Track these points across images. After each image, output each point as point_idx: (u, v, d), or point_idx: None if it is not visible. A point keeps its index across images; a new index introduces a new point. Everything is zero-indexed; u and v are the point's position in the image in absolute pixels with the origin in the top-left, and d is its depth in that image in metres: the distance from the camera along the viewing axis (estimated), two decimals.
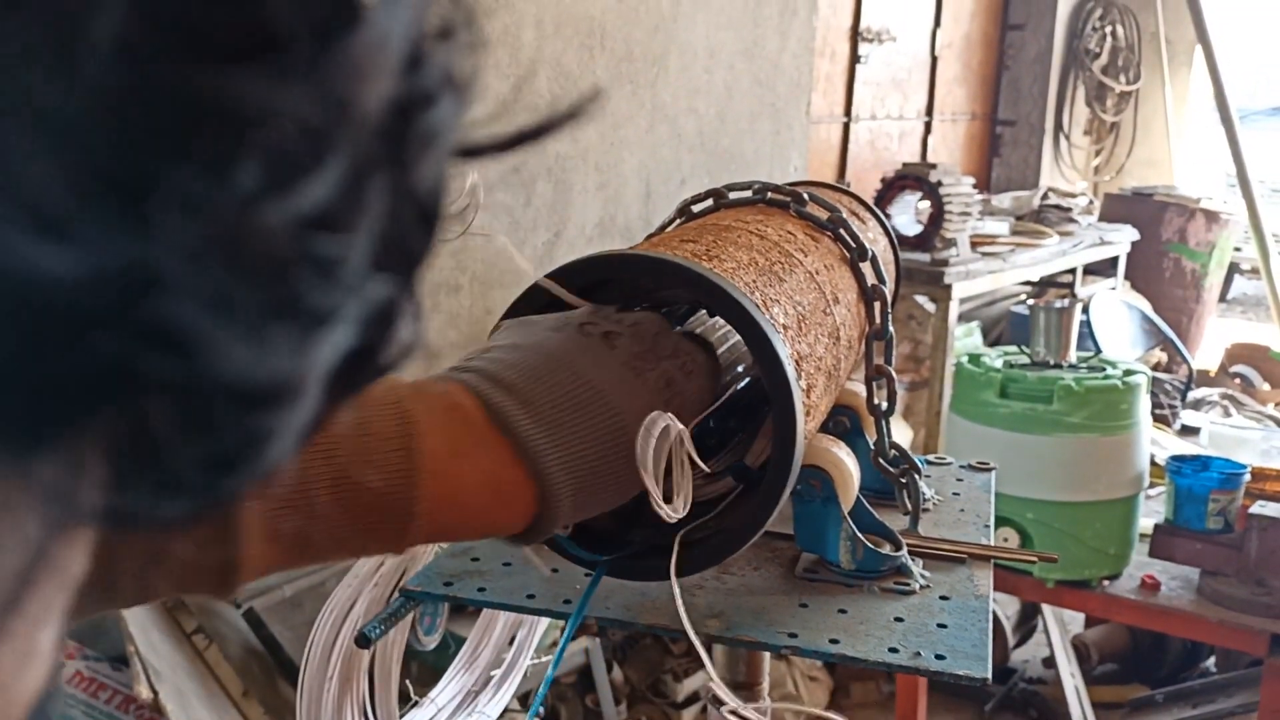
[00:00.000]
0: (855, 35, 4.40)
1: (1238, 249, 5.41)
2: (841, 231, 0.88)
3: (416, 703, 0.96)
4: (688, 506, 0.54)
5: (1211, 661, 2.95)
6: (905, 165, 3.25)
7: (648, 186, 3.31)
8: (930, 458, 1.13)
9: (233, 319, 0.16)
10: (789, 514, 0.82)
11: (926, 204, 3.25)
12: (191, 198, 0.15)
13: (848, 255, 0.88)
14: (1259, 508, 1.96)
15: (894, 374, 0.90)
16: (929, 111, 4.95)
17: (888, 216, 3.38)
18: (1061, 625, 2.88)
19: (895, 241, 1.13)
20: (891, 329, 0.89)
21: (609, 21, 3.12)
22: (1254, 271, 5.14)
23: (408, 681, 0.98)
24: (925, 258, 3.23)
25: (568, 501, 0.51)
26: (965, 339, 3.95)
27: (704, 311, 0.71)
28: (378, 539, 0.48)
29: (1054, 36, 5.20)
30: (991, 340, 4.29)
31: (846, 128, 4.44)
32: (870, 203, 1.11)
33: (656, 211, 3.20)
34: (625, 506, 0.64)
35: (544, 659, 1.11)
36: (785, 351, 0.59)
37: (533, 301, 0.60)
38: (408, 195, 0.19)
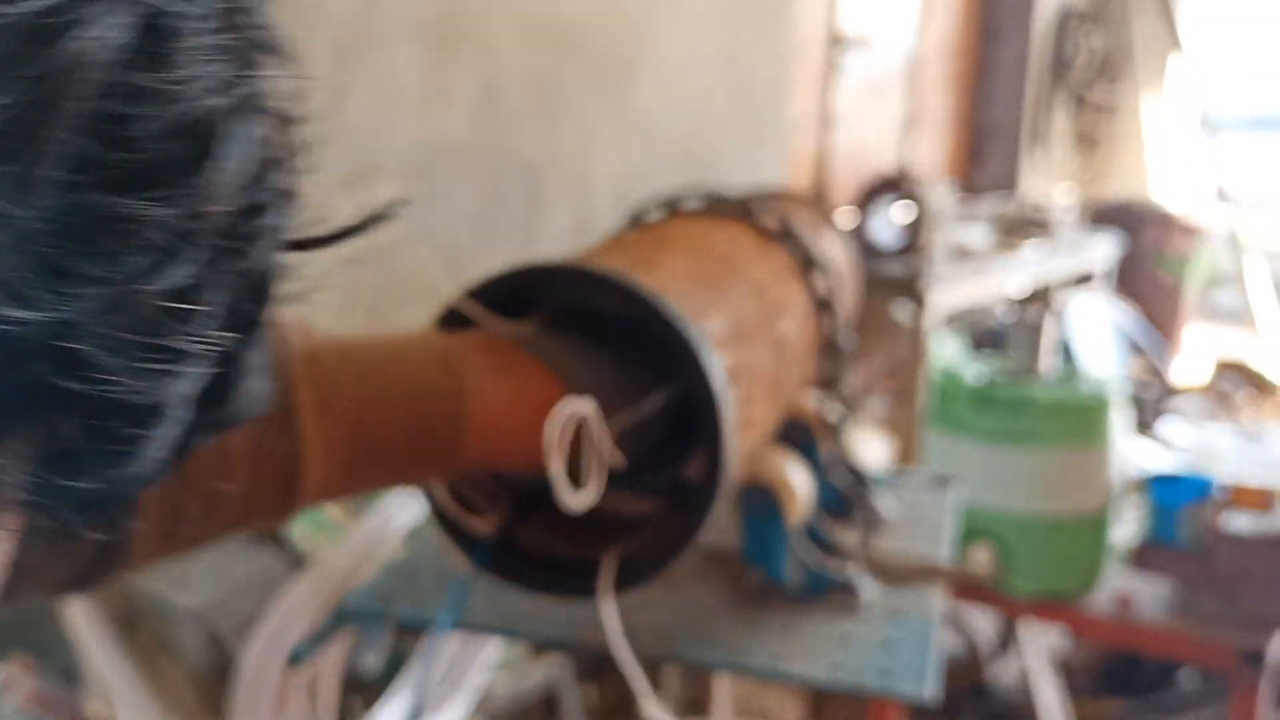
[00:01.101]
0: (832, 42, 4.39)
1: (1217, 262, 5.43)
2: (792, 242, 0.85)
3: None
4: (598, 495, 0.51)
5: (1189, 674, 2.94)
6: (881, 173, 3.24)
7: (622, 194, 3.28)
8: (890, 471, 1.10)
9: (121, 357, 0.23)
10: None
11: (903, 212, 3.24)
12: (98, 279, 0.22)
13: (798, 265, 0.86)
14: (1232, 522, 1.94)
15: (849, 386, 0.87)
16: (907, 119, 4.95)
17: (860, 225, 3.37)
18: (1038, 640, 2.86)
19: (855, 252, 1.10)
20: (846, 340, 0.87)
21: (583, 27, 3.09)
22: (1234, 283, 5.16)
23: (360, 700, 0.95)
24: (900, 267, 3.22)
25: (556, 431, 0.53)
26: (945, 348, 3.93)
27: None
28: (433, 455, 0.49)
29: (1031, 45, 5.21)
30: (974, 351, 4.28)
31: (822, 136, 4.43)
32: (830, 212, 1.08)
33: None
34: (560, 520, 0.62)
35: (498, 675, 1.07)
36: (715, 362, 0.56)
37: (451, 319, 0.58)
38: (246, 276, 0.26)
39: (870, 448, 3.15)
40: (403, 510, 0.86)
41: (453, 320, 0.57)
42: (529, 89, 2.95)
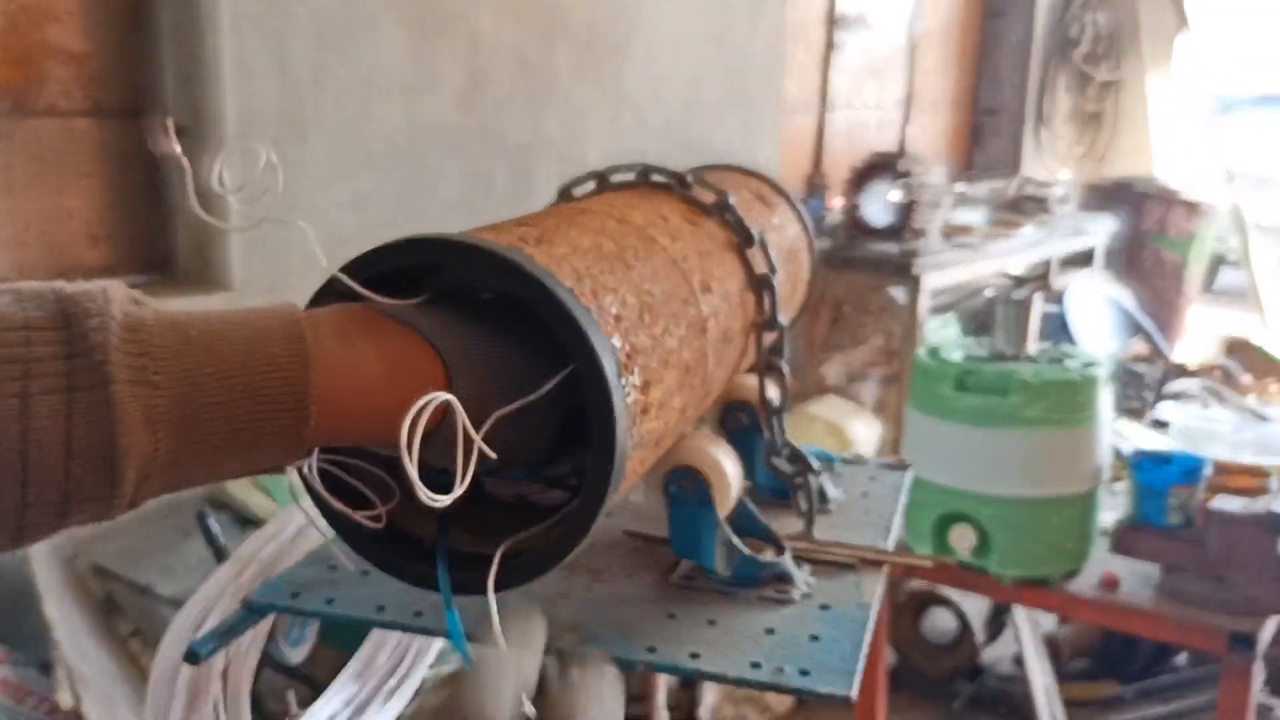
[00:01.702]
0: (831, 21, 4.34)
1: (1223, 240, 5.36)
2: (727, 216, 0.83)
3: (295, 716, 0.91)
4: (462, 489, 0.49)
5: (1183, 657, 2.91)
6: (874, 154, 3.20)
7: None
8: (845, 455, 1.08)
9: None
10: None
11: (897, 193, 3.19)
12: None
13: (735, 241, 0.83)
14: (1219, 502, 1.91)
15: (784, 366, 0.85)
16: (908, 100, 4.90)
17: (855, 206, 3.33)
18: (1032, 622, 2.84)
19: (810, 229, 1.07)
20: (782, 319, 0.84)
21: (570, 7, 3.05)
22: (1239, 263, 5.09)
23: (291, 694, 0.93)
24: (895, 248, 3.18)
25: (469, 378, 0.52)
26: (942, 330, 3.90)
27: None
28: (275, 428, 0.46)
29: (1035, 24, 5.15)
30: (972, 332, 4.23)
31: (822, 117, 4.38)
32: (782, 186, 1.05)
33: None
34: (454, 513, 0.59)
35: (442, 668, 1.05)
36: (602, 343, 0.53)
37: (330, 294, 0.55)
38: None
39: (860, 432, 3.12)
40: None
41: (331, 294, 0.55)
42: (516, 72, 2.92)
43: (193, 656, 0.67)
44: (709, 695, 2.76)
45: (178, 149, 0.52)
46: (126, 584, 2.13)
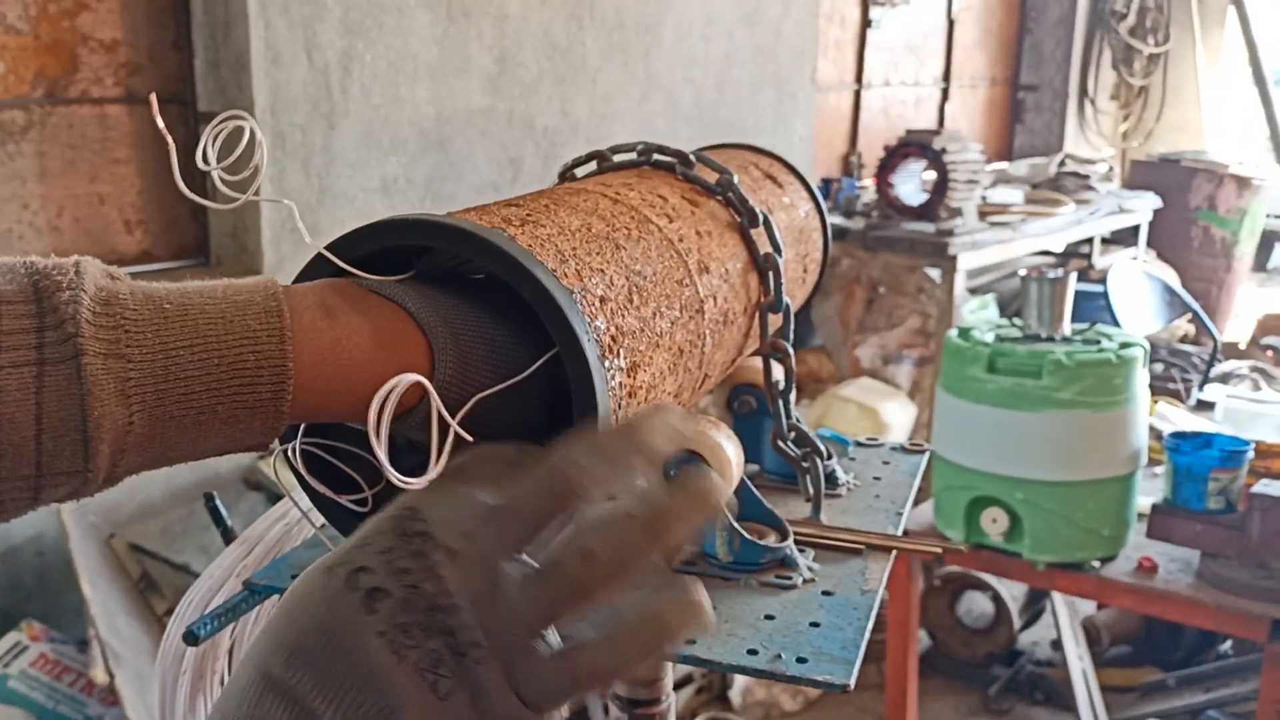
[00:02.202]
0: None
1: (1277, 217, 5.23)
2: (730, 195, 0.81)
3: None
4: (437, 472, 0.48)
5: (1228, 645, 2.85)
6: (909, 132, 3.15)
7: None
8: (861, 439, 1.05)
9: None
10: None
11: (931, 173, 3.15)
12: None
13: (738, 221, 0.81)
14: (1262, 486, 1.86)
15: (789, 348, 0.83)
16: (946, 77, 4.82)
17: (890, 186, 3.29)
18: (1071, 607, 2.80)
19: (822, 208, 1.05)
20: (788, 299, 0.82)
21: None
22: None
23: None
24: (930, 228, 3.13)
25: (453, 357, 0.51)
26: (980, 311, 3.84)
27: None
28: (254, 401, 0.46)
29: None
30: (1011, 314, 4.17)
31: (858, 95, 4.33)
32: (793, 165, 1.03)
33: None
34: None
35: None
36: (583, 324, 0.52)
37: (317, 272, 0.55)
38: None
39: (894, 415, 3.09)
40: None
41: (317, 272, 0.54)
42: (544, 55, 2.91)
43: (191, 638, 0.67)
44: (740, 678, 2.76)
45: (161, 124, 0.51)
46: (162, 563, 2.17)
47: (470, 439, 0.50)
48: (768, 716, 2.79)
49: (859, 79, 4.32)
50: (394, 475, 0.46)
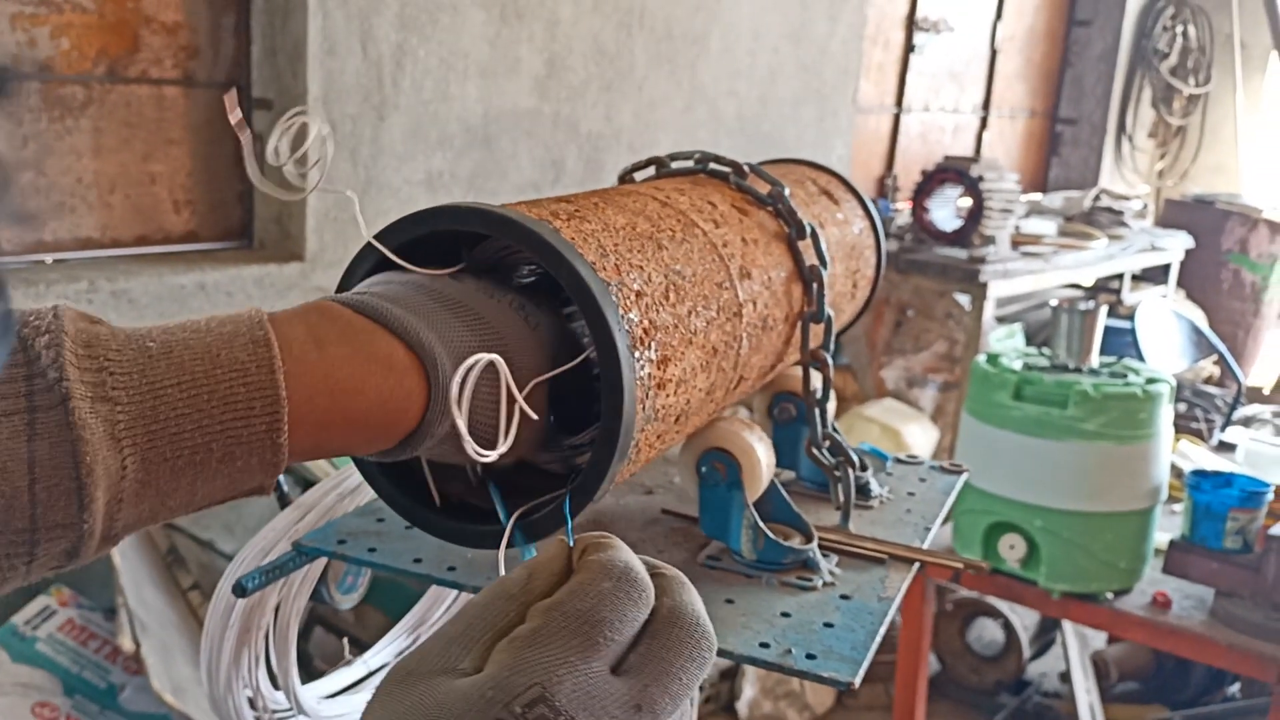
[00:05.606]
0: (911, 23, 4.30)
1: None
2: (779, 206, 0.84)
3: (349, 661, 0.94)
4: (507, 445, 0.51)
5: (1236, 688, 2.85)
6: (947, 158, 3.17)
7: None
8: (901, 455, 1.08)
9: None
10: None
11: (967, 199, 3.16)
12: None
13: (786, 231, 0.84)
14: None
15: (829, 360, 0.86)
16: (986, 106, 4.83)
17: (925, 210, 3.30)
18: (1081, 640, 2.80)
19: (879, 228, 1.08)
20: (830, 311, 0.85)
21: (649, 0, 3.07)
22: None
23: (345, 641, 0.97)
24: (962, 254, 3.15)
25: (452, 366, 0.50)
26: (1007, 340, 3.85)
27: None
28: (250, 436, 0.44)
29: (1122, 34, 5.04)
30: (1039, 343, 4.17)
31: (897, 118, 4.35)
32: (851, 183, 1.06)
33: None
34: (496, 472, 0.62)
35: None
36: (616, 314, 0.55)
37: (364, 261, 0.58)
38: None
39: (916, 437, 3.10)
40: None
41: (365, 261, 0.58)
42: (592, 60, 2.95)
43: (240, 590, 0.71)
44: (747, 689, 2.77)
45: (236, 118, 0.53)
46: (190, 538, 2.21)
47: (535, 415, 0.53)
48: None
49: (899, 102, 4.35)
50: (472, 446, 0.49)
